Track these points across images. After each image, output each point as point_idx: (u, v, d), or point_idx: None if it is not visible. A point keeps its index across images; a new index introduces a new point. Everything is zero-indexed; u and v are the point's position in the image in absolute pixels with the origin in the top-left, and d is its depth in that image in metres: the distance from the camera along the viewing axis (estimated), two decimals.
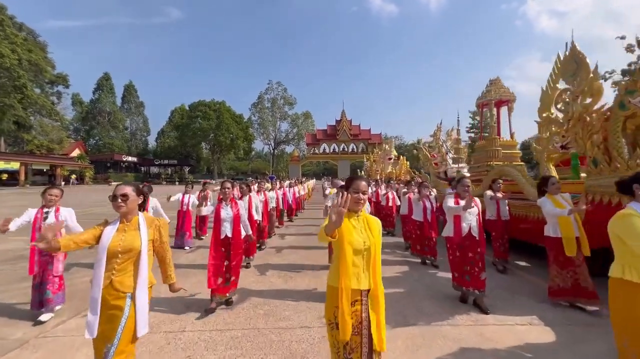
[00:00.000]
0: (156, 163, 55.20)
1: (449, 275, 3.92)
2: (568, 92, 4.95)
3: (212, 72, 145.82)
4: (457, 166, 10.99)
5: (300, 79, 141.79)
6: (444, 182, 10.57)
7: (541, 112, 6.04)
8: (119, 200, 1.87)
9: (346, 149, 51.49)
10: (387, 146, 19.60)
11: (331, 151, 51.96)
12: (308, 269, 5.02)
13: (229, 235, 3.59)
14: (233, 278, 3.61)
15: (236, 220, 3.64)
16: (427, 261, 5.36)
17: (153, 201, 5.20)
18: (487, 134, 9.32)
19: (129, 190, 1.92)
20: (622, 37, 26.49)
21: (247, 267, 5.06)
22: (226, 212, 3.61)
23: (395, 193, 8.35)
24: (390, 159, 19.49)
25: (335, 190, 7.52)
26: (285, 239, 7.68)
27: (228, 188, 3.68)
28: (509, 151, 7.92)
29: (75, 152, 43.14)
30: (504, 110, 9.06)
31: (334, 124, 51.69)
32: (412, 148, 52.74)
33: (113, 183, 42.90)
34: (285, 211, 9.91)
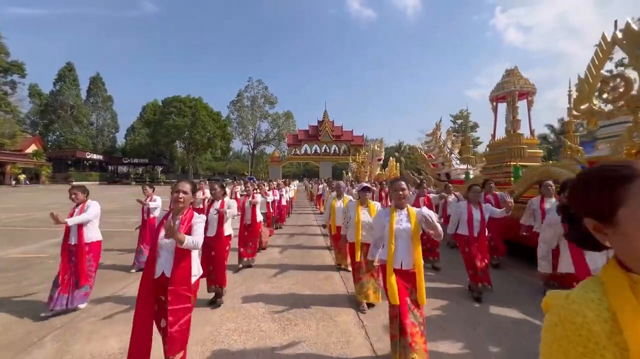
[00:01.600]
0: (125, 162, 51.27)
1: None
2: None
3: (188, 69, 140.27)
4: (462, 167, 10.10)
5: (281, 80, 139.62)
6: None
7: (579, 104, 5.11)
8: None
9: (328, 151, 50.50)
10: (376, 147, 18.64)
11: (313, 152, 50.81)
12: (315, 305, 3.68)
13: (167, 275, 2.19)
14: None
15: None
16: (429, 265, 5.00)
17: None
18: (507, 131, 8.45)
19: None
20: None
21: (214, 304, 3.63)
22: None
23: None
24: (379, 160, 18.54)
25: (333, 193, 6.28)
26: (275, 252, 6.29)
27: (183, 192, 2.27)
28: (531, 150, 7.03)
29: (32, 149, 38.93)
30: (503, 105, 8.26)
31: (316, 124, 50.58)
32: (394, 151, 52.73)
33: (74, 183, 39.16)
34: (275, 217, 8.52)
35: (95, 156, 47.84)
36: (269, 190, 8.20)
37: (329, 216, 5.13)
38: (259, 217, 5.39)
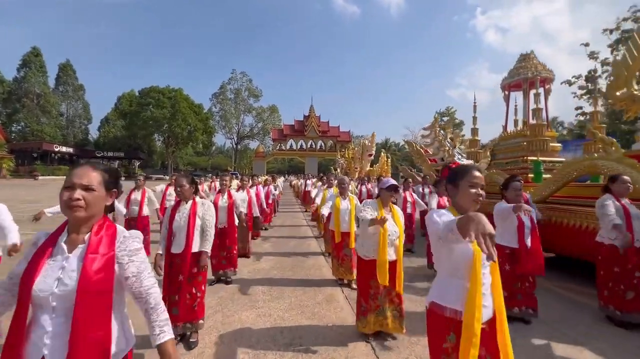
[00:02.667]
0: (98, 155, 48.17)
1: None
2: None
3: (169, 61, 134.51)
4: (466, 162, 9.34)
5: (265, 75, 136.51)
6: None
7: (616, 90, 4.37)
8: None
9: (314, 146, 49.44)
10: (367, 141, 17.77)
11: (298, 147, 49.60)
12: (318, 343, 2.68)
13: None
14: None
15: None
16: None
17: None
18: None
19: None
20: (586, 44, 27.85)
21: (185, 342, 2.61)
22: None
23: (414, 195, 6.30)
24: (370, 155, 17.69)
25: (331, 190, 5.38)
26: (261, 262, 5.22)
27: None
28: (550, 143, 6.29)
29: None
30: (516, 95, 7.55)
31: (302, 119, 49.35)
32: (380, 147, 52.34)
33: (40, 177, 36.23)
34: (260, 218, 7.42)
35: (64, 149, 44.65)
36: (251, 187, 7.11)
37: (323, 213, 4.14)
38: (237, 220, 4.30)
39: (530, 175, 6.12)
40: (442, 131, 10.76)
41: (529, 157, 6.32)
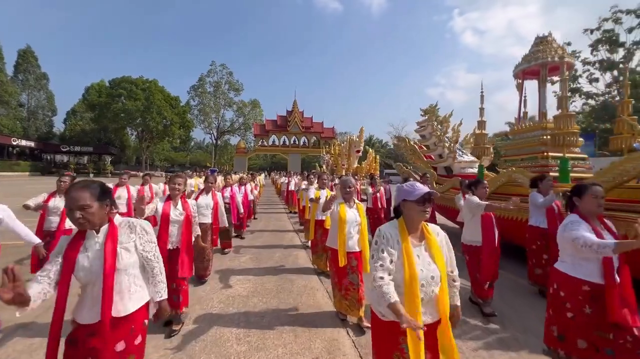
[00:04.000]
0: (63, 150, 44.59)
1: None
2: None
3: (144, 51, 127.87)
4: (467, 159, 8.54)
5: (246, 68, 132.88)
6: (448, 180, 8.01)
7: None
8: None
9: (297, 142, 48.15)
10: (355, 137, 16.84)
11: (281, 143, 48.15)
12: None
13: None
14: None
15: None
16: None
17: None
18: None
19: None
20: (568, 44, 28.16)
21: None
22: None
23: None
24: (358, 152, 16.80)
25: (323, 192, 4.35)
26: (234, 285, 4.07)
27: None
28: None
29: None
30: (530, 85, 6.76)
31: (285, 114, 47.86)
32: (364, 144, 51.91)
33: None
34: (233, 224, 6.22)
35: (25, 142, 40.88)
36: (224, 187, 5.91)
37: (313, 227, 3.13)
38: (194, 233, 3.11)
39: (552, 174, 5.32)
40: (439, 125, 9.95)
41: (550, 154, 5.51)
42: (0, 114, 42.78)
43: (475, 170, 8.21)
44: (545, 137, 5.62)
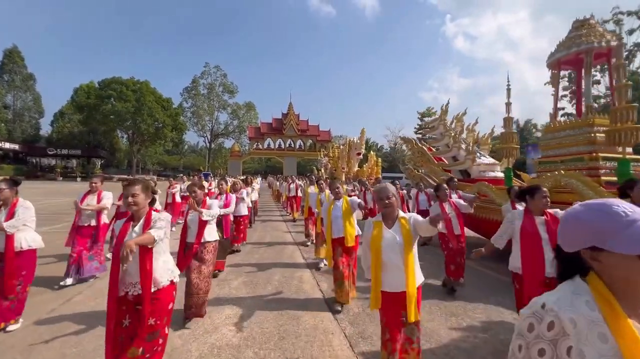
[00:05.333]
0: (50, 153, 42.99)
1: None
2: None
3: (135, 52, 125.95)
4: (487, 161, 7.69)
5: (241, 71, 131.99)
6: (468, 186, 7.13)
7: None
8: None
9: (293, 145, 47.24)
10: (355, 139, 15.96)
11: (276, 146, 47.14)
12: None
13: None
14: None
15: None
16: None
17: None
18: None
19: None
20: None
21: None
22: None
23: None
24: (359, 154, 15.91)
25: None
26: (221, 327, 3.07)
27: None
28: None
29: None
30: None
31: (280, 117, 46.94)
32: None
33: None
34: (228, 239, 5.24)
35: (8, 145, 39.26)
36: (214, 195, 4.92)
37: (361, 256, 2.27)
38: (164, 280, 2.10)
39: (606, 178, 4.47)
40: (452, 124, 9.11)
41: (600, 154, 4.66)
42: None
43: (497, 174, 7.37)
44: (592, 134, 4.78)
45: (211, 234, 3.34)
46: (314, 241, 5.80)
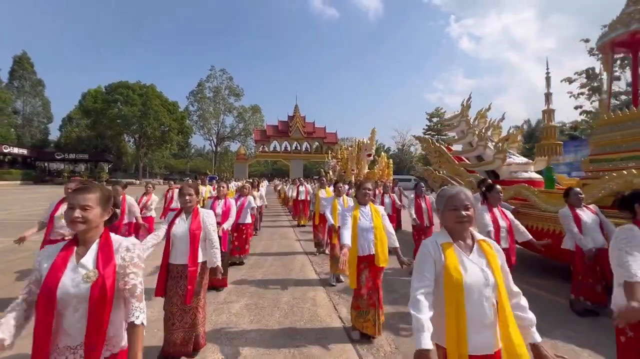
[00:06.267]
0: (58, 157, 43.17)
1: None
2: None
3: (142, 57, 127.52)
4: (519, 160, 6.90)
5: (246, 75, 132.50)
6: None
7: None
8: None
9: (299, 148, 46.64)
10: (366, 140, 15.23)
11: (282, 149, 46.64)
12: None
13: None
14: None
15: None
16: None
17: None
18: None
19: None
20: (586, 40, 26.70)
21: None
22: None
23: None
24: (369, 155, 15.17)
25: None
26: None
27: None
28: None
29: None
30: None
31: (286, 119, 46.47)
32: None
33: None
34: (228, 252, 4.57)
35: (17, 150, 39.49)
36: (215, 200, 4.24)
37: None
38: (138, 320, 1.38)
39: None
40: (475, 121, 8.34)
41: None
42: None
43: (531, 174, 6.56)
44: None
45: (203, 250, 2.66)
46: (328, 252, 5.09)
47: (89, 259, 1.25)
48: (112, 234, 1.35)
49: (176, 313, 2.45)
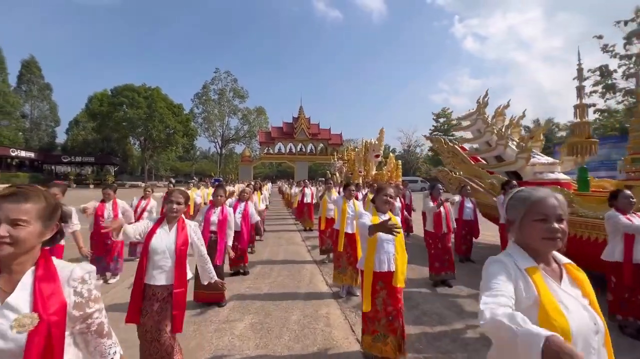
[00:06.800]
0: (64, 160, 43.46)
1: None
2: None
3: (148, 61, 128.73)
4: (543, 160, 6.43)
5: (250, 77, 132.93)
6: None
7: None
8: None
9: (304, 149, 46.27)
10: (374, 140, 14.78)
11: (287, 151, 46.37)
12: None
13: None
14: None
15: None
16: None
17: None
18: None
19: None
20: (600, 37, 25.96)
21: None
22: None
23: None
24: (377, 156, 14.71)
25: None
26: None
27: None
28: None
29: None
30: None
31: (291, 121, 46.20)
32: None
33: None
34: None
35: (24, 153, 39.81)
36: (210, 208, 3.83)
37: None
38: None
39: None
40: (492, 119, 7.87)
41: None
42: (1, 125, 41.91)
43: (558, 175, 6.08)
44: None
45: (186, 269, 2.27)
46: (333, 262, 4.63)
47: (19, 296, 0.86)
48: (54, 259, 0.96)
49: (152, 342, 2.06)
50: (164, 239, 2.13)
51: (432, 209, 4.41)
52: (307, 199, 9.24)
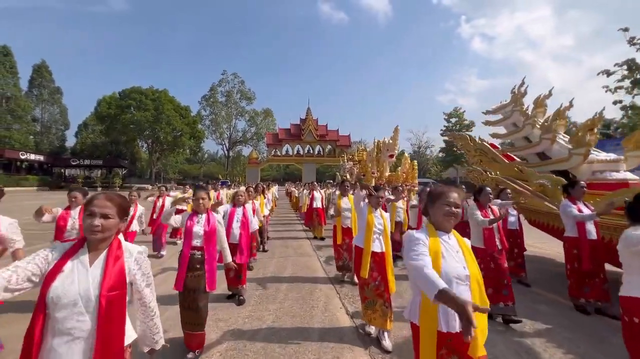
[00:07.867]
0: (73, 163, 43.54)
1: None
2: None
3: (155, 64, 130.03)
4: (601, 156, 5.37)
5: (257, 79, 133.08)
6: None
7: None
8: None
9: (312, 151, 45.47)
10: (388, 139, 13.76)
11: (295, 152, 45.67)
12: None
13: None
14: None
15: None
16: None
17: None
18: None
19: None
20: (625, 29, 24.39)
21: None
22: None
23: None
24: (392, 156, 13.67)
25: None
26: None
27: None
28: None
29: None
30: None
31: (298, 123, 45.47)
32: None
33: (5, 189, 31.48)
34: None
35: (33, 157, 39.96)
36: (185, 214, 2.92)
37: None
38: None
39: None
40: (533, 110, 6.81)
41: None
42: (13, 129, 42.25)
43: (626, 175, 5.00)
44: None
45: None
46: (357, 280, 3.55)
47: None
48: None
49: None
50: (79, 281, 1.21)
51: (483, 223, 3.39)
52: (317, 204, 8.30)
